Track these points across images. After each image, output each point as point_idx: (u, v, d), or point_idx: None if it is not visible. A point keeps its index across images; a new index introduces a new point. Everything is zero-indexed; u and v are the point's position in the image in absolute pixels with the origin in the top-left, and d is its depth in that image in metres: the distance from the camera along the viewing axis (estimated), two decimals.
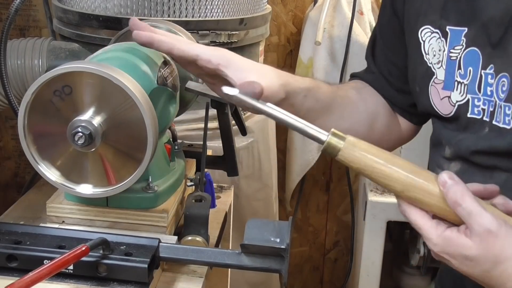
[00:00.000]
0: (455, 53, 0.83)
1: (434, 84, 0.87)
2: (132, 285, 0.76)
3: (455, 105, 0.84)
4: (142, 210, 0.85)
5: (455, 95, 0.84)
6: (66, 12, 1.32)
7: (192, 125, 1.36)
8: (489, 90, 0.79)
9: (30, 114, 0.76)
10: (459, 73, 0.83)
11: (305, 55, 1.88)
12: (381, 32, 1.01)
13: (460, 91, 0.83)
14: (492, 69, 0.79)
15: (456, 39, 0.83)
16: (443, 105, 0.86)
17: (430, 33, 0.87)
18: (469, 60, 0.82)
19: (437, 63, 0.86)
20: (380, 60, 1.02)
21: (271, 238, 0.74)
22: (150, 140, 0.76)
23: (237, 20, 1.33)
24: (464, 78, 0.82)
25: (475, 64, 0.81)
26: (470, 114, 0.82)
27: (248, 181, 1.49)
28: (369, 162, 0.68)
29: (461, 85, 0.83)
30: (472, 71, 0.81)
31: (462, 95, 0.83)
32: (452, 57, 0.84)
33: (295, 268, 2.28)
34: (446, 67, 0.85)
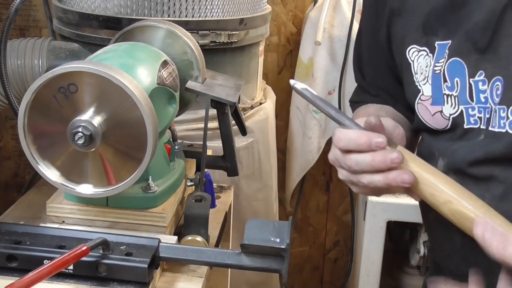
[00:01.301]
0: (439, 66, 0.81)
1: (421, 101, 0.85)
2: (132, 285, 0.76)
3: (449, 119, 0.82)
4: (142, 210, 0.85)
5: (447, 108, 0.82)
6: (66, 12, 1.32)
7: (192, 125, 1.36)
8: (482, 97, 0.77)
9: (30, 114, 0.76)
10: (446, 86, 0.81)
11: (305, 55, 1.88)
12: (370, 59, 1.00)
13: (451, 104, 0.81)
14: (482, 75, 0.77)
15: (441, 52, 0.82)
16: (436, 120, 0.84)
17: (417, 51, 0.85)
18: (453, 70, 0.80)
19: (423, 80, 0.84)
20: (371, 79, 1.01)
21: (271, 238, 0.74)
22: (150, 140, 0.76)
23: (237, 20, 1.33)
24: (453, 90, 0.80)
25: (461, 74, 0.79)
26: (467, 125, 0.79)
27: (248, 181, 1.49)
28: (418, 170, 0.70)
29: (451, 97, 0.81)
30: (459, 81, 0.79)
31: (454, 107, 0.81)
32: (436, 71, 0.82)
33: (295, 268, 2.28)
34: (432, 82, 0.83)
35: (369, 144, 0.72)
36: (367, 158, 0.72)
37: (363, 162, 0.73)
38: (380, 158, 0.71)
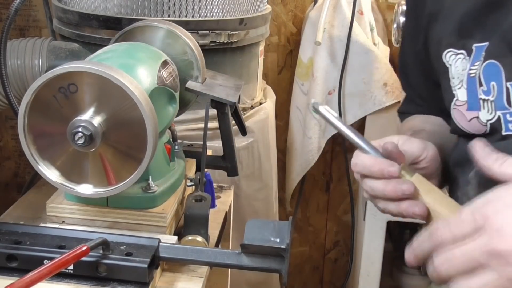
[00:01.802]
0: (474, 69, 0.78)
1: (456, 106, 0.82)
2: (132, 285, 0.75)
3: (486, 125, 0.78)
4: (142, 210, 0.85)
5: (483, 114, 0.78)
6: (66, 12, 1.32)
7: (192, 125, 1.36)
8: None
9: (30, 114, 0.76)
10: (482, 90, 0.77)
11: (305, 55, 1.88)
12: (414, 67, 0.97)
13: (488, 109, 0.77)
14: None
15: (478, 55, 0.78)
16: (473, 126, 0.80)
17: (455, 55, 0.82)
18: (489, 74, 0.76)
19: (458, 84, 0.81)
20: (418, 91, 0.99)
21: (271, 238, 0.74)
22: (150, 140, 0.76)
23: (237, 20, 1.33)
24: (489, 95, 0.76)
25: (498, 77, 0.75)
26: (505, 131, 0.76)
27: (248, 181, 1.49)
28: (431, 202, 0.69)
29: (487, 102, 0.77)
30: (496, 85, 0.76)
31: (491, 113, 0.77)
32: (472, 74, 0.78)
33: (295, 268, 2.28)
34: (467, 86, 0.79)
35: (381, 172, 0.72)
36: (379, 186, 0.72)
37: (377, 189, 0.73)
38: (391, 188, 0.71)
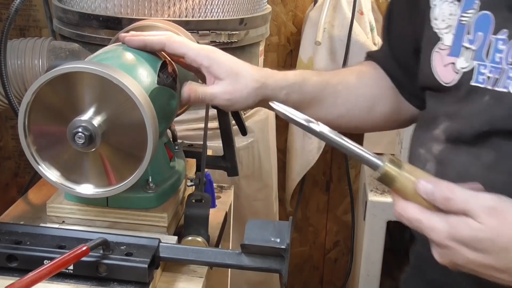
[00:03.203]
0: (467, 17, 0.79)
1: (439, 50, 0.83)
2: (132, 285, 0.75)
3: (459, 72, 0.80)
4: (142, 210, 0.85)
5: (460, 61, 0.80)
6: (66, 12, 1.32)
7: (192, 125, 1.36)
8: (498, 57, 0.75)
9: (30, 114, 0.76)
10: (467, 38, 0.79)
11: (305, 55, 1.88)
12: (395, 6, 0.99)
13: (466, 58, 0.79)
14: (505, 34, 0.74)
15: (470, 2, 0.79)
16: (446, 73, 0.82)
17: None
18: (480, 24, 0.77)
19: (446, 28, 0.82)
20: (394, 37, 1.00)
21: (271, 238, 0.74)
22: (150, 140, 0.76)
23: (237, 20, 1.33)
24: (472, 44, 0.78)
25: (485, 28, 0.76)
26: (474, 82, 0.77)
27: (248, 181, 1.49)
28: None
29: (468, 51, 0.79)
30: (481, 36, 0.77)
31: (468, 62, 0.79)
32: (463, 21, 0.79)
33: (295, 268, 2.28)
34: (455, 32, 0.80)
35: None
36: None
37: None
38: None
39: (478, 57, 0.77)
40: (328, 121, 0.97)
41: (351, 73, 1.01)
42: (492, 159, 0.74)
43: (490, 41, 0.76)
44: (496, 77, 0.75)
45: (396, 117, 1.02)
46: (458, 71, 0.80)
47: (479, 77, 0.77)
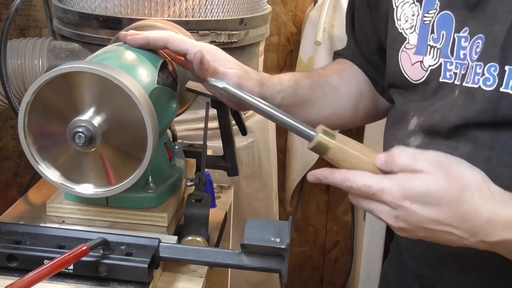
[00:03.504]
0: (429, 17, 0.82)
1: (406, 49, 0.86)
2: (132, 285, 0.75)
3: (427, 70, 0.82)
4: (142, 210, 0.85)
5: (427, 59, 0.83)
6: (66, 12, 1.32)
7: (192, 125, 1.36)
8: (462, 54, 0.78)
9: (30, 114, 0.76)
10: (432, 37, 0.82)
11: (305, 55, 1.88)
12: (357, 5, 1.02)
13: (432, 55, 0.82)
14: (466, 31, 0.77)
15: (431, 3, 0.82)
16: (414, 71, 0.84)
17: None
18: (442, 23, 0.80)
19: (410, 28, 0.85)
20: (358, 34, 1.03)
21: (271, 238, 0.74)
22: (150, 140, 0.76)
23: (237, 20, 1.33)
24: (437, 42, 0.81)
25: (448, 27, 0.80)
26: (442, 78, 0.80)
27: (248, 181, 1.49)
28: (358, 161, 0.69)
29: (434, 49, 0.82)
30: (445, 34, 0.80)
31: (435, 59, 0.81)
32: (426, 21, 0.83)
33: (295, 268, 2.28)
34: (419, 32, 0.84)
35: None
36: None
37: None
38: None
39: (444, 54, 0.80)
40: (317, 121, 0.99)
41: (333, 72, 1.03)
42: (469, 150, 0.75)
43: (454, 39, 0.79)
44: (462, 73, 0.77)
45: (376, 110, 1.05)
46: (426, 69, 0.83)
47: (446, 73, 0.80)
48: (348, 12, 1.05)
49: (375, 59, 1.01)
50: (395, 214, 0.65)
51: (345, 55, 1.07)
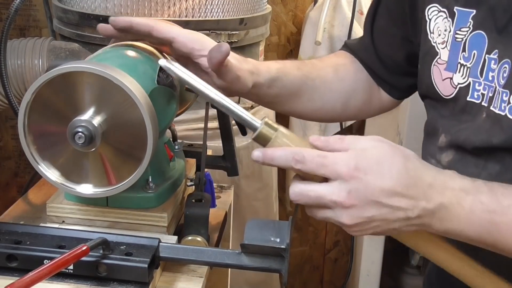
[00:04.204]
0: (461, 34, 0.82)
1: (437, 64, 0.86)
2: (132, 285, 0.75)
3: (456, 87, 0.82)
4: (142, 210, 0.85)
5: (457, 77, 0.82)
6: (66, 12, 1.32)
7: (192, 125, 1.36)
8: (490, 76, 0.78)
9: (30, 114, 0.76)
10: (463, 56, 0.82)
11: (305, 55, 1.88)
12: (387, 2, 1.01)
13: (462, 74, 0.82)
14: (496, 54, 0.77)
15: (463, 20, 0.81)
16: (445, 86, 0.85)
17: (437, 11, 0.86)
18: (474, 43, 0.80)
19: (442, 43, 0.85)
20: (378, 29, 1.02)
21: (271, 238, 0.74)
22: (150, 140, 0.76)
23: (237, 20, 1.33)
24: (468, 61, 0.81)
25: (480, 47, 0.79)
26: (470, 97, 0.80)
27: (248, 181, 1.49)
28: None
29: (464, 67, 0.81)
30: (476, 54, 0.80)
31: (464, 78, 0.81)
32: (458, 38, 0.82)
33: (295, 268, 2.28)
34: (450, 48, 0.83)
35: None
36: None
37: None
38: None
39: (473, 74, 0.80)
40: (304, 114, 1.00)
41: (328, 66, 1.02)
42: (498, 170, 0.77)
43: (485, 60, 0.78)
44: (490, 95, 0.78)
45: (367, 109, 1.05)
46: (455, 86, 0.83)
47: (474, 93, 0.80)
48: (372, 9, 1.04)
49: (393, 59, 1.00)
50: (348, 188, 0.66)
51: (354, 50, 1.05)
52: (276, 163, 0.69)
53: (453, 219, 0.68)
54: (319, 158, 0.67)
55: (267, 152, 0.69)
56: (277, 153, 0.69)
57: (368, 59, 1.03)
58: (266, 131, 0.71)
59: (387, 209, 0.67)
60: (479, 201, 0.68)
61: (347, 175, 0.66)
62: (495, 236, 0.68)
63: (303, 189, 0.69)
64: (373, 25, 1.03)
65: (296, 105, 0.97)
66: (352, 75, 1.03)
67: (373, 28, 1.03)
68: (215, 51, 0.80)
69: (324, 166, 0.67)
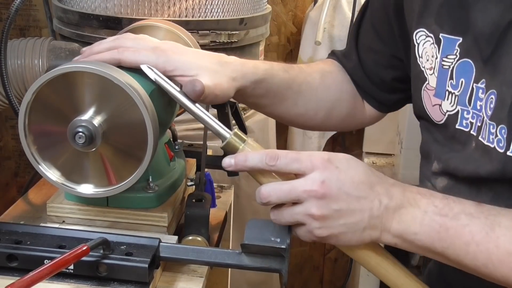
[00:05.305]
0: (448, 62, 0.81)
1: (427, 89, 0.86)
2: (133, 284, 0.75)
3: (445, 114, 0.83)
4: (142, 210, 0.85)
5: (445, 104, 0.83)
6: (66, 12, 1.32)
7: (192, 125, 1.36)
8: (478, 105, 0.78)
9: (30, 114, 0.76)
10: (450, 83, 0.81)
11: (305, 55, 1.88)
12: (373, 17, 1.00)
13: (450, 101, 0.82)
14: (483, 83, 0.77)
15: (450, 48, 0.81)
16: (435, 112, 0.85)
17: (425, 36, 0.85)
18: (462, 71, 0.80)
19: (430, 69, 0.85)
20: (363, 45, 1.02)
21: (271, 238, 0.74)
22: (150, 140, 0.76)
23: (237, 20, 1.33)
24: (456, 89, 0.81)
25: (468, 76, 0.79)
26: (459, 125, 0.81)
27: (248, 181, 1.49)
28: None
29: (452, 95, 0.81)
30: (464, 82, 0.80)
31: (453, 106, 0.81)
32: (445, 66, 0.82)
33: (295, 268, 2.28)
34: (438, 75, 0.83)
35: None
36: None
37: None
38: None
39: (461, 102, 0.80)
40: (287, 118, 1.00)
41: (316, 72, 1.01)
42: (491, 197, 0.77)
43: (472, 89, 0.79)
44: (478, 125, 0.78)
45: (350, 121, 1.04)
46: (444, 113, 0.83)
47: (463, 121, 0.80)
48: (357, 21, 1.03)
49: (379, 74, 1.00)
50: (323, 178, 0.69)
51: (342, 62, 1.05)
52: (250, 164, 0.71)
53: (410, 221, 0.70)
54: (293, 154, 0.70)
55: (239, 156, 0.72)
56: (249, 154, 0.72)
57: (354, 73, 1.03)
58: (234, 141, 0.74)
59: (355, 203, 0.69)
60: (432, 204, 0.70)
61: (322, 166, 0.69)
62: (445, 242, 0.70)
63: (275, 185, 0.71)
64: (358, 42, 1.03)
65: (279, 108, 0.96)
66: (338, 85, 1.02)
67: (358, 44, 1.02)
68: (189, 91, 0.79)
69: (298, 160, 0.70)
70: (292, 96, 0.96)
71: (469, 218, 0.69)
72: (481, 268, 0.69)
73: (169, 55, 0.81)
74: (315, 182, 0.68)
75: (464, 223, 0.69)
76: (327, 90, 1.00)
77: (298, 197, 0.70)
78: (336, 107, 1.01)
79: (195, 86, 0.78)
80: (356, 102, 1.03)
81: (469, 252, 0.69)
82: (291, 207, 0.71)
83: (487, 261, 0.68)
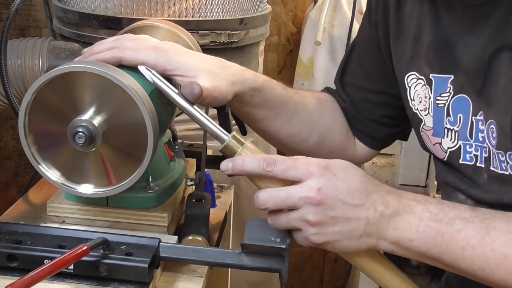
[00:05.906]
0: (442, 100, 0.82)
1: (424, 130, 0.87)
2: (133, 284, 0.76)
3: (446, 151, 0.84)
4: (142, 210, 0.85)
5: (445, 141, 0.83)
6: (66, 12, 1.32)
7: (192, 125, 1.36)
8: (480, 137, 0.78)
9: (30, 114, 0.76)
10: (448, 120, 0.82)
11: (305, 55, 1.88)
12: (361, 57, 1.00)
13: (451, 138, 0.82)
14: (481, 115, 0.78)
15: (442, 86, 0.82)
16: (436, 150, 0.86)
17: (416, 79, 0.86)
18: (459, 106, 0.81)
19: (424, 110, 0.86)
20: (352, 85, 1.02)
21: (271, 238, 0.74)
22: (150, 140, 0.76)
23: (237, 20, 1.33)
24: (454, 125, 0.81)
25: (465, 110, 0.80)
26: (462, 160, 0.81)
27: (248, 181, 1.48)
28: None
29: (451, 131, 0.82)
30: (462, 117, 0.80)
31: (453, 142, 0.82)
32: (439, 104, 0.83)
33: (295, 268, 2.28)
34: (433, 115, 0.84)
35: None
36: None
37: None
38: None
39: (462, 137, 0.81)
40: (279, 138, 0.98)
41: (312, 97, 1.01)
42: None
43: (472, 122, 0.79)
44: (485, 156, 0.78)
45: (341, 153, 1.03)
46: (446, 150, 0.84)
47: (466, 155, 0.81)
48: (342, 65, 1.04)
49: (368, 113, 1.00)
50: (320, 185, 0.69)
51: (335, 97, 1.05)
52: (247, 168, 0.72)
53: (405, 228, 0.70)
54: (290, 160, 0.70)
55: (236, 160, 0.72)
56: (247, 159, 0.72)
57: (347, 109, 1.02)
58: (233, 144, 0.74)
59: (351, 211, 0.69)
60: (427, 210, 0.70)
61: (319, 173, 0.69)
62: (441, 247, 0.70)
63: (272, 192, 0.71)
64: (343, 84, 1.03)
65: (274, 125, 0.94)
66: (332, 113, 1.02)
67: (345, 86, 1.03)
68: (187, 93, 0.78)
69: (295, 167, 0.70)
70: (288, 113, 0.95)
71: (464, 222, 0.69)
72: (478, 272, 0.69)
73: (170, 54, 0.81)
74: (312, 189, 0.69)
75: (459, 228, 0.69)
76: (321, 115, 1.00)
77: (295, 204, 0.70)
78: (328, 135, 1.01)
79: (193, 89, 0.77)
80: (348, 137, 1.03)
81: (465, 256, 0.68)
82: (288, 213, 0.71)
83: (483, 265, 0.68)
